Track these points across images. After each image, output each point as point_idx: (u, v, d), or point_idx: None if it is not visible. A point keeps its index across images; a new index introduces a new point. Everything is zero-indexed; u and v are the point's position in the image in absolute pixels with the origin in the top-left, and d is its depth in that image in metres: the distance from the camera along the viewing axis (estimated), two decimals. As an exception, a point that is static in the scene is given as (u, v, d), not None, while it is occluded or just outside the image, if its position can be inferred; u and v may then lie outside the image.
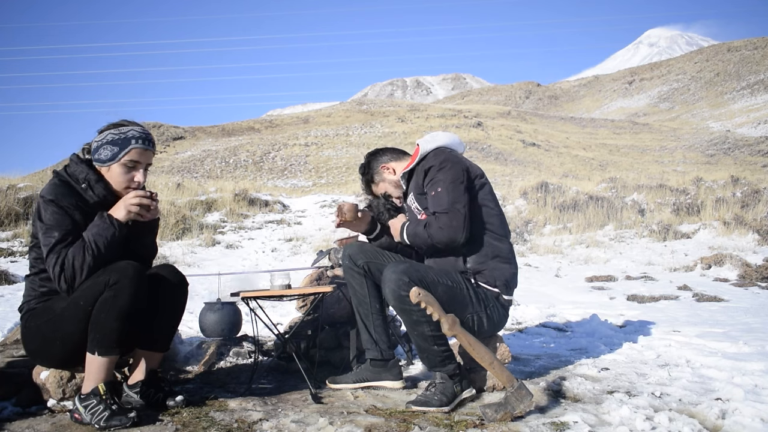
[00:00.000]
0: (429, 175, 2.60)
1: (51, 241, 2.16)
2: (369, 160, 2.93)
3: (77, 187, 2.26)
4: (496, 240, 2.62)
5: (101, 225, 2.18)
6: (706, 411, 2.25)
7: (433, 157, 2.64)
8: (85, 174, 2.27)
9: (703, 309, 5.26)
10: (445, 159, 2.60)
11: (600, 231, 11.31)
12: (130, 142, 2.28)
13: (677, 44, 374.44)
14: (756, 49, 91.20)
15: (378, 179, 2.91)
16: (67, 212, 2.20)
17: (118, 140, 2.28)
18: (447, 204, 2.48)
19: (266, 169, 36.89)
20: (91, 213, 2.25)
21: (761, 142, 40.86)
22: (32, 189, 10.77)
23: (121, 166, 2.28)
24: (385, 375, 2.68)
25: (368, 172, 2.93)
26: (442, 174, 2.55)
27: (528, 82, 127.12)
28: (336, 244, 3.51)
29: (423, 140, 2.75)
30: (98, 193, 2.27)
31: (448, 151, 2.68)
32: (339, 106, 69.45)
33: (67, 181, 2.27)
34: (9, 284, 6.46)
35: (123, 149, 2.27)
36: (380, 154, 2.94)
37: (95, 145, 2.31)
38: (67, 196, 2.22)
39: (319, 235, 10.98)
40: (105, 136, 2.30)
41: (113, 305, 2.11)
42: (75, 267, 2.13)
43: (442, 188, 2.52)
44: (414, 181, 2.72)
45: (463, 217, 2.46)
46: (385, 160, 2.91)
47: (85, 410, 2.10)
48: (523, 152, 38.31)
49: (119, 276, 2.12)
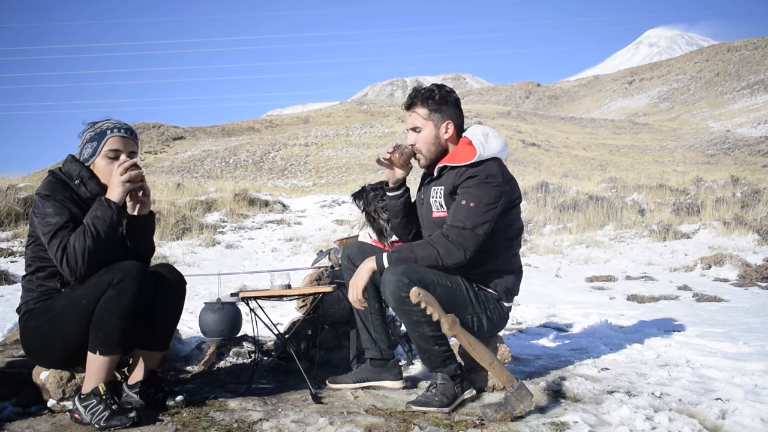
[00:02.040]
0: (469, 182, 2.40)
1: (51, 228, 2.18)
2: (448, 96, 2.55)
3: (71, 183, 2.32)
4: (510, 257, 2.60)
5: (99, 208, 2.21)
6: (706, 411, 2.24)
7: (483, 167, 2.42)
8: (79, 171, 2.33)
9: (703, 309, 5.26)
10: (492, 175, 2.40)
11: (600, 231, 11.30)
12: (105, 133, 2.35)
13: (677, 44, 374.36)
14: (756, 49, 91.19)
15: (433, 118, 2.53)
16: (63, 204, 2.24)
17: (95, 135, 2.36)
18: (471, 223, 2.34)
19: (266, 169, 36.88)
20: (86, 207, 2.29)
21: (761, 142, 40.87)
22: (32, 189, 10.78)
23: (103, 159, 2.33)
24: (385, 375, 2.67)
25: (439, 101, 2.52)
26: (481, 190, 2.37)
27: (528, 82, 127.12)
28: (336, 244, 3.51)
29: (477, 140, 2.47)
30: (91, 188, 2.32)
31: (497, 167, 2.46)
32: (339, 106, 69.44)
33: (61, 178, 2.33)
34: (9, 284, 6.47)
35: (100, 141, 2.34)
36: (458, 108, 2.57)
37: (79, 147, 2.40)
38: (62, 191, 2.27)
39: (319, 235, 10.98)
40: (84, 136, 2.39)
41: (116, 304, 2.11)
42: (76, 250, 2.15)
43: (474, 204, 2.36)
44: (451, 177, 2.48)
45: (477, 242, 2.36)
46: (456, 118, 2.56)
47: (85, 410, 2.10)
48: (523, 152, 38.31)
49: (123, 275, 2.13)
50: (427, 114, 2.54)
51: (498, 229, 2.44)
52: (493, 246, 2.47)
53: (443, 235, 2.38)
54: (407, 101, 2.60)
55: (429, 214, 2.61)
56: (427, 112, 2.54)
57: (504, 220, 2.48)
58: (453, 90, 2.60)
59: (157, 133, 50.75)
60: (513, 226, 2.56)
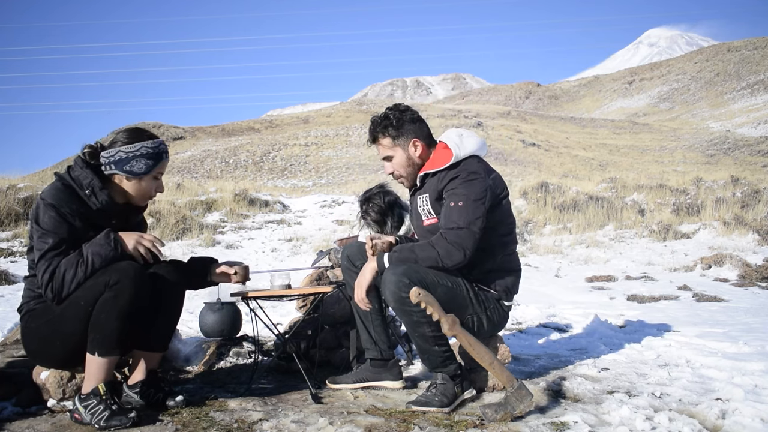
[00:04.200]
0: (452, 184, 2.43)
1: (44, 247, 2.14)
2: (403, 116, 2.57)
3: (80, 192, 2.24)
4: (506, 254, 2.60)
5: (105, 246, 2.16)
6: (706, 411, 2.25)
7: (462, 167, 2.46)
8: (90, 180, 2.25)
9: (703, 309, 5.26)
10: (474, 172, 2.44)
11: (600, 231, 11.30)
12: (162, 156, 2.36)
13: (677, 44, 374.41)
14: (756, 49, 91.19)
15: (399, 143, 2.57)
16: (65, 219, 2.17)
17: (152, 154, 2.32)
18: (464, 222, 2.36)
19: (266, 169, 36.89)
20: (91, 219, 2.24)
21: (761, 142, 40.87)
22: (32, 189, 10.78)
23: (152, 179, 2.36)
24: (385, 375, 2.67)
25: (397, 126, 2.55)
26: (465, 188, 2.41)
27: (528, 82, 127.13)
28: (336, 244, 3.51)
29: (452, 142, 2.50)
30: (101, 200, 2.26)
31: (477, 163, 2.49)
32: (339, 106, 69.43)
33: (70, 185, 2.24)
34: (9, 284, 6.46)
35: (157, 162, 2.34)
36: (418, 122, 2.60)
37: (122, 155, 2.28)
38: (69, 202, 2.20)
39: (319, 235, 10.98)
40: (137, 149, 2.29)
41: (114, 305, 2.11)
42: (65, 280, 2.12)
43: (463, 203, 2.38)
44: (433, 183, 2.52)
45: (475, 239, 2.37)
46: (420, 133, 2.59)
47: (85, 410, 2.11)
48: (523, 152, 38.32)
49: (120, 276, 2.11)
50: (391, 142, 2.59)
51: (490, 226, 2.46)
52: (488, 244, 2.48)
53: (442, 237, 2.40)
54: (370, 137, 2.66)
55: (420, 224, 2.65)
56: (391, 141, 2.59)
57: (494, 216, 2.49)
58: (407, 107, 2.64)
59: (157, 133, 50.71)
60: (504, 222, 2.58)
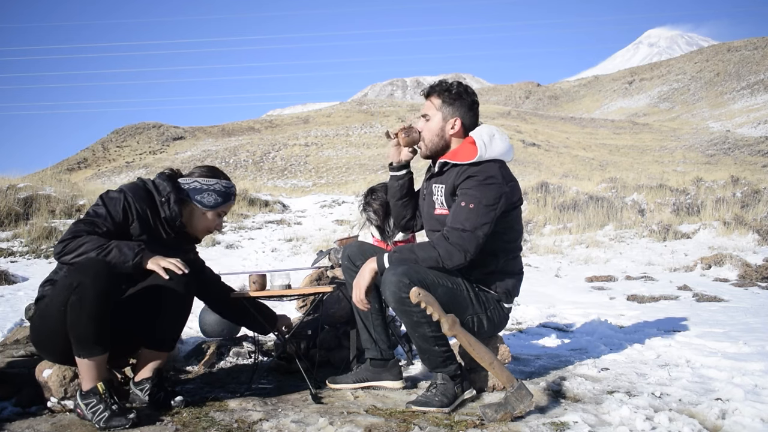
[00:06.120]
0: (468, 183, 2.40)
1: (91, 219, 2.28)
2: (464, 94, 2.56)
3: (157, 197, 2.43)
4: (511, 258, 2.59)
5: (129, 254, 2.22)
6: (706, 411, 2.25)
7: (482, 168, 2.42)
8: (169, 191, 2.43)
9: (703, 309, 5.26)
10: (492, 176, 2.40)
11: (600, 231, 11.30)
12: (230, 197, 2.58)
13: (677, 44, 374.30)
14: (756, 49, 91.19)
15: (444, 111, 2.56)
16: (128, 212, 2.33)
17: (224, 193, 2.54)
18: (470, 225, 2.33)
19: (266, 169, 36.88)
20: (149, 228, 2.37)
21: (761, 142, 40.88)
22: (32, 189, 10.76)
23: (215, 214, 2.55)
24: (385, 375, 2.67)
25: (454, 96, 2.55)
26: (480, 191, 2.37)
27: (528, 82, 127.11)
28: (336, 244, 3.51)
29: (480, 140, 2.47)
30: (172, 210, 2.42)
31: (498, 168, 2.45)
32: (339, 106, 69.42)
33: (149, 189, 2.44)
34: (9, 284, 6.46)
35: (226, 201, 2.56)
36: (473, 110, 2.59)
37: (198, 185, 2.50)
38: (142, 201, 2.38)
39: (319, 235, 10.98)
40: (213, 184, 2.52)
41: (81, 309, 2.06)
42: (80, 250, 2.19)
43: (474, 206, 2.35)
44: (451, 176, 2.48)
45: (478, 244, 2.35)
46: (467, 118, 2.57)
47: (86, 408, 2.11)
48: (523, 152, 38.31)
49: (80, 277, 2.07)
50: (440, 105, 2.58)
51: (498, 231, 2.44)
52: (493, 248, 2.47)
53: (444, 237, 2.39)
54: (427, 89, 2.65)
55: (431, 210, 2.61)
56: (440, 103, 2.58)
57: (504, 222, 2.47)
58: (474, 92, 2.64)
59: (157, 133, 50.75)
60: (513, 228, 2.56)
